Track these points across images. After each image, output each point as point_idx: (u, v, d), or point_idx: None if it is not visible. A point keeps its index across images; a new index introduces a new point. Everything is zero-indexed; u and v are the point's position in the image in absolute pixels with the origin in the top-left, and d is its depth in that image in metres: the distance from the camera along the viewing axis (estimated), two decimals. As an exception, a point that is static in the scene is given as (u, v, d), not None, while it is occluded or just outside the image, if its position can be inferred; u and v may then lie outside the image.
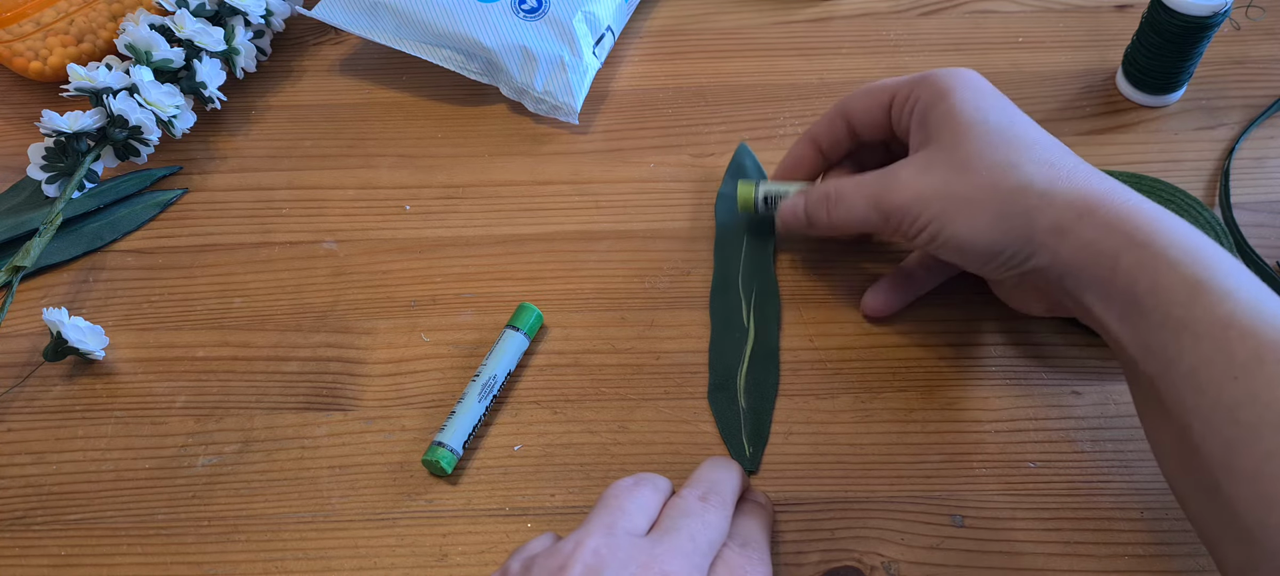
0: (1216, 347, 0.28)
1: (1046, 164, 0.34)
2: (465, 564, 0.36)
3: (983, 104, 0.36)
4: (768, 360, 0.40)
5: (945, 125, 0.35)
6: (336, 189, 0.48)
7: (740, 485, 0.34)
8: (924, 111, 0.36)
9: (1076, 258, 0.32)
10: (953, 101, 0.36)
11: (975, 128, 0.35)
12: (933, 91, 0.36)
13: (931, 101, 0.36)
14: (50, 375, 0.42)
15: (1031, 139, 0.35)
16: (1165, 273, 0.30)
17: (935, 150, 0.36)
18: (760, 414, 0.39)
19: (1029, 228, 0.33)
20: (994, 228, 0.34)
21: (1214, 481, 0.28)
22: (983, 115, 0.35)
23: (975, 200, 0.34)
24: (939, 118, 0.36)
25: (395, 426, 0.39)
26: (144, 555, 0.36)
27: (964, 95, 0.36)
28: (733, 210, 0.45)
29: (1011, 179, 0.34)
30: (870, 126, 0.40)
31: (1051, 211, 0.33)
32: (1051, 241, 0.33)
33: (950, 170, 0.35)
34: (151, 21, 0.49)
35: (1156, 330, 0.30)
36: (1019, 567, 0.35)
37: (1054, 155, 0.34)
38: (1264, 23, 0.54)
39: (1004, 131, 0.35)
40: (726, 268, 0.43)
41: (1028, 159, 0.34)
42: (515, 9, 0.51)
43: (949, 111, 0.35)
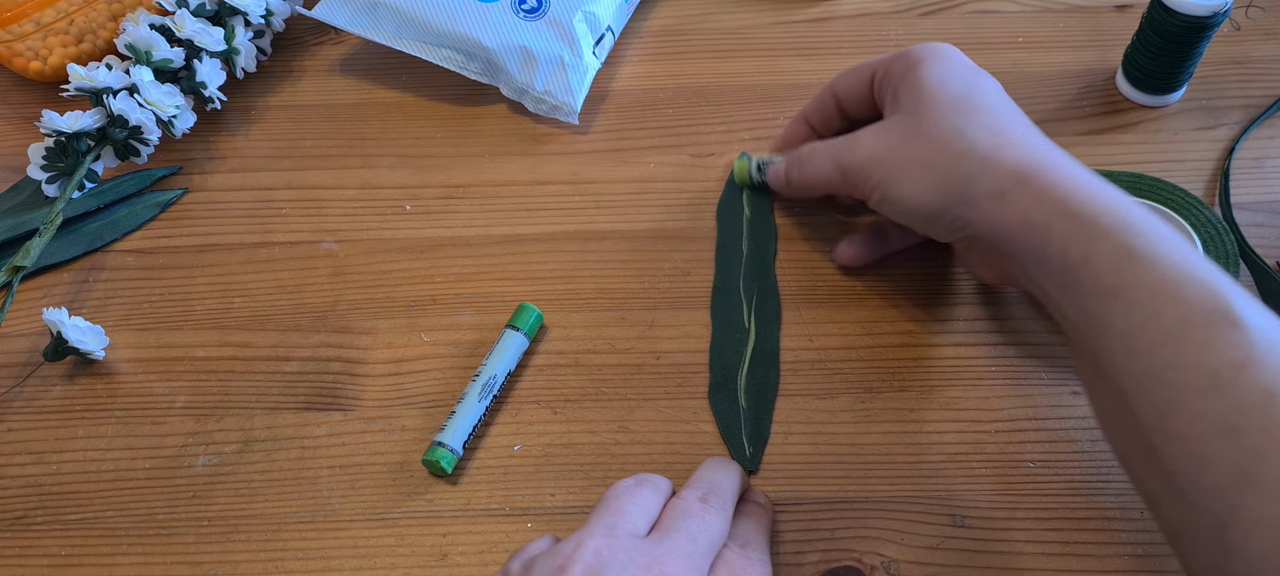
0: (1146, 313, 0.29)
1: (994, 131, 0.35)
2: (465, 564, 0.36)
3: (948, 74, 0.37)
4: (768, 361, 0.40)
5: (910, 94, 0.37)
6: (336, 189, 0.48)
7: (740, 485, 0.34)
8: (896, 83, 0.38)
9: (1012, 224, 0.33)
10: (920, 72, 0.37)
11: (934, 95, 0.36)
12: (905, 64, 0.38)
13: (903, 73, 0.38)
14: (50, 375, 0.42)
15: (987, 107, 0.36)
16: (1097, 242, 0.31)
17: (897, 116, 0.38)
18: (760, 414, 0.39)
19: (969, 191, 0.34)
20: (934, 189, 0.35)
21: (1150, 443, 0.29)
22: (943, 83, 0.37)
23: (920, 161, 0.36)
24: (907, 88, 0.37)
25: (395, 426, 0.39)
26: (144, 555, 0.36)
27: (931, 66, 0.37)
28: (734, 215, 0.45)
29: (957, 143, 0.35)
30: (856, 102, 0.41)
31: (990, 177, 0.34)
32: (989, 207, 0.34)
33: (904, 133, 0.37)
34: (151, 21, 0.49)
35: (1091, 297, 0.31)
36: (1019, 567, 0.35)
37: (1004, 123, 0.35)
38: (1264, 23, 0.54)
39: (961, 100, 0.36)
40: (728, 270, 0.44)
41: (977, 125, 0.35)
42: (515, 9, 0.51)
43: (915, 82, 0.37)
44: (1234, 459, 0.26)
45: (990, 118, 0.36)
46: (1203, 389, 0.27)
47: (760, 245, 0.44)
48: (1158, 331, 0.29)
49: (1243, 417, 0.26)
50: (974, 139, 0.35)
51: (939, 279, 0.43)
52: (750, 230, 0.45)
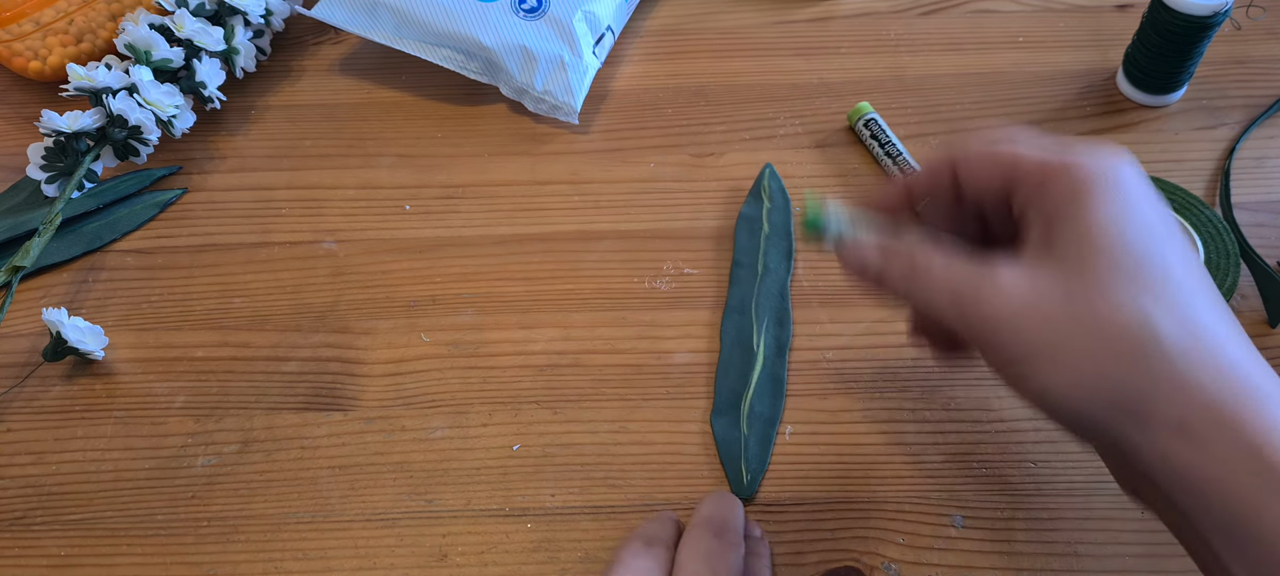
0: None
1: (1188, 324, 0.26)
2: (465, 564, 0.36)
3: (1128, 218, 0.27)
4: (775, 388, 0.40)
5: (1073, 236, 0.27)
6: (336, 189, 0.48)
7: (742, 519, 0.34)
8: (1052, 210, 0.28)
9: (1199, 476, 0.25)
10: (1090, 209, 0.27)
11: (1108, 251, 0.26)
12: (1068, 186, 0.27)
13: (1063, 200, 0.27)
14: (50, 375, 0.42)
15: (1175, 280, 0.26)
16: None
17: (1054, 262, 0.27)
18: (763, 440, 0.38)
19: (1145, 407, 0.25)
20: (1096, 390, 0.26)
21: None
22: (1126, 233, 0.27)
23: (1084, 347, 0.26)
24: (1070, 227, 0.27)
25: (395, 426, 0.39)
26: (144, 555, 0.36)
27: (1106, 202, 0.27)
28: (753, 233, 0.44)
29: (1140, 332, 0.25)
30: (981, 192, 0.30)
31: (1177, 400, 0.25)
32: (1166, 439, 0.25)
33: (1065, 296, 0.26)
34: (151, 21, 0.49)
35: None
36: (1019, 568, 0.35)
37: (1201, 312, 0.26)
38: (1264, 23, 0.54)
39: (1144, 264, 0.26)
40: (742, 289, 0.42)
41: (1165, 310, 0.26)
42: (515, 8, 0.51)
43: (1081, 221, 0.27)
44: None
45: (1182, 296, 0.26)
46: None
47: (776, 265, 0.43)
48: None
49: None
50: (1162, 336, 0.25)
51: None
52: (768, 248, 0.44)
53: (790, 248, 0.44)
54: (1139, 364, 0.25)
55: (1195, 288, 0.26)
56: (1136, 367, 0.25)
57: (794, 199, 0.46)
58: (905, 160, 0.46)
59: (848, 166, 0.48)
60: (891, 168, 0.47)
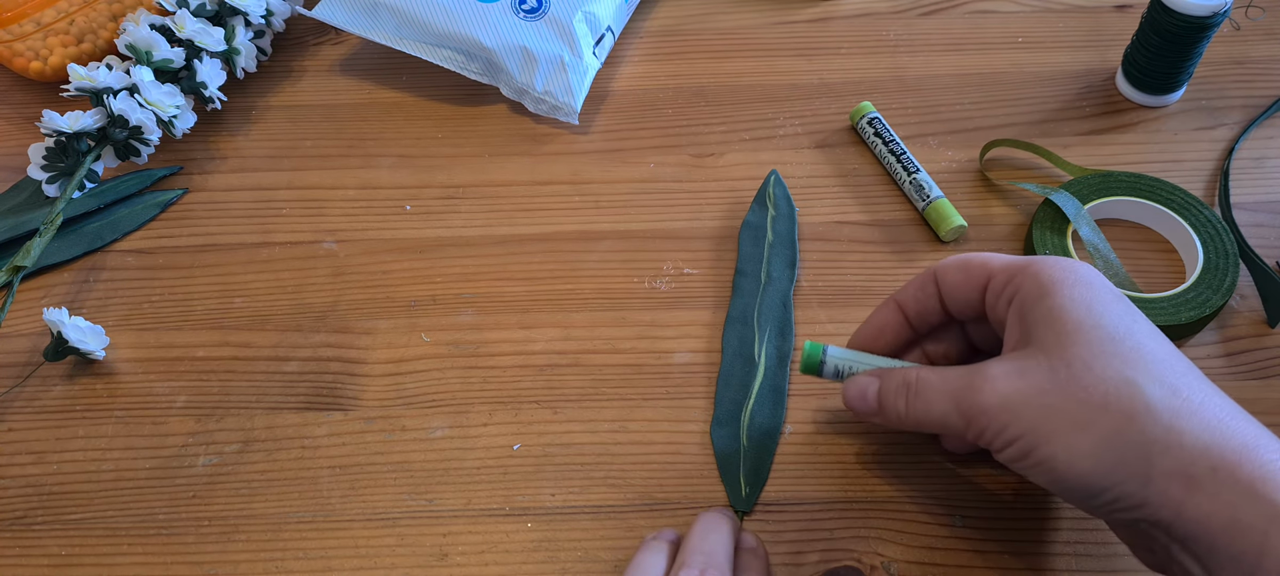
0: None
1: (1171, 388, 0.28)
2: (465, 564, 0.36)
3: (1097, 303, 0.30)
4: (776, 399, 0.39)
5: (1049, 323, 0.30)
6: (336, 189, 0.48)
7: (734, 541, 0.33)
8: (1024, 305, 0.31)
9: (1208, 523, 0.26)
10: (1060, 298, 0.30)
11: (1087, 330, 0.29)
12: (1036, 284, 0.31)
13: (1034, 295, 0.31)
14: (50, 375, 0.42)
15: (1153, 351, 0.29)
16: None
17: (1035, 351, 0.30)
18: (762, 455, 0.38)
19: (1146, 467, 0.27)
20: (1100, 457, 0.28)
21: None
22: (1096, 316, 0.29)
23: (1078, 417, 0.28)
24: (1042, 314, 0.30)
25: (395, 426, 0.39)
26: (144, 555, 0.36)
27: (1074, 292, 0.30)
28: (757, 241, 0.44)
29: (1128, 399, 0.27)
30: (962, 304, 0.34)
31: (1177, 454, 0.27)
32: (1175, 492, 0.27)
33: (1051, 376, 0.29)
34: (152, 21, 0.49)
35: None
36: (1019, 567, 0.35)
37: (1181, 378, 0.28)
38: (1264, 23, 0.54)
39: (1122, 339, 0.29)
40: (745, 299, 0.42)
41: (1149, 376, 0.28)
42: (515, 9, 0.51)
43: (1054, 309, 0.30)
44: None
45: (1161, 366, 0.28)
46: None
47: (780, 274, 0.43)
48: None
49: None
50: (1150, 397, 0.27)
51: (939, 279, 0.43)
52: (771, 257, 0.44)
53: (794, 256, 0.44)
54: (1133, 426, 0.27)
55: (1170, 357, 0.29)
56: (1131, 430, 0.27)
57: (797, 203, 0.46)
58: (908, 159, 0.46)
59: (848, 166, 0.48)
60: (894, 166, 0.47)
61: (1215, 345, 0.40)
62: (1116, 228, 0.45)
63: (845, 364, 0.35)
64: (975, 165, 0.48)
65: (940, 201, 0.45)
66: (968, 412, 0.30)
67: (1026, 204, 0.46)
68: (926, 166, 0.47)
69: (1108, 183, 0.45)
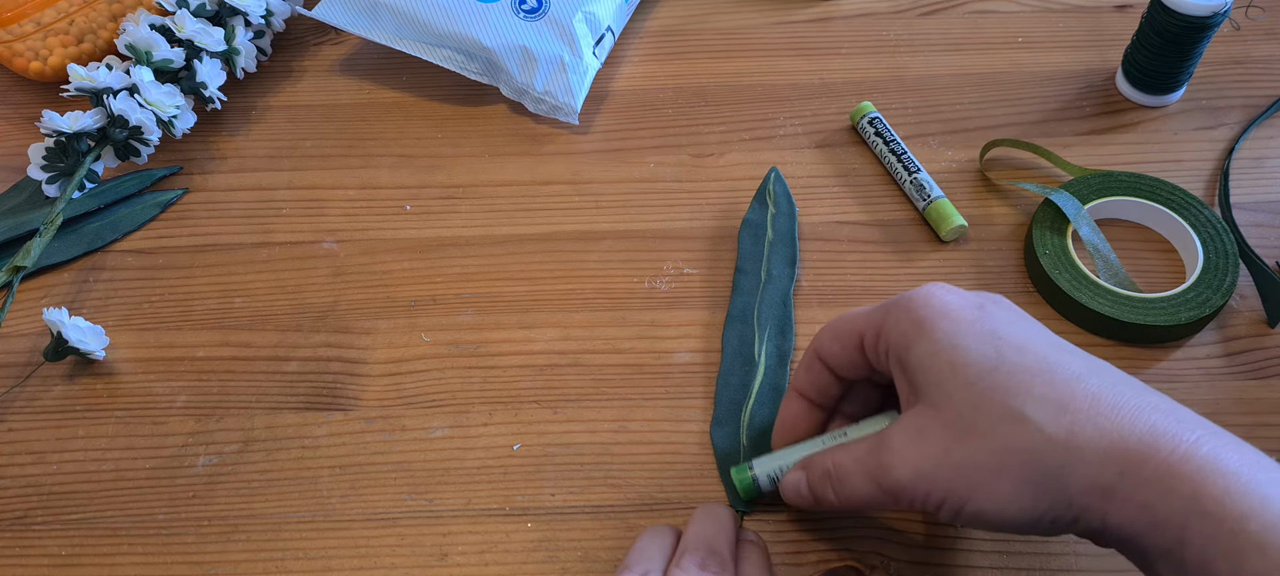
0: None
1: (1057, 404, 0.27)
2: (465, 564, 0.36)
3: (961, 336, 0.29)
4: (775, 398, 0.39)
5: (928, 374, 0.30)
6: (336, 189, 0.48)
7: (734, 534, 0.33)
8: (900, 356, 0.31)
9: (1132, 524, 0.26)
10: (927, 343, 0.30)
11: (961, 371, 0.29)
12: (902, 330, 0.31)
13: (905, 344, 0.30)
14: (50, 375, 0.42)
15: (1029, 369, 0.28)
16: (1252, 557, 0.24)
17: (926, 408, 0.30)
18: (762, 453, 0.37)
19: (1063, 490, 0.27)
20: (1021, 497, 0.28)
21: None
22: (964, 353, 0.29)
23: (989, 468, 0.28)
24: (918, 364, 0.30)
25: (395, 426, 0.39)
26: (144, 555, 0.36)
27: (938, 330, 0.30)
28: (757, 239, 0.44)
29: (1022, 435, 0.27)
30: (849, 368, 0.34)
31: (1084, 469, 0.27)
32: (1096, 504, 0.27)
33: (949, 433, 0.29)
34: (152, 22, 0.49)
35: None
36: (1019, 567, 0.35)
37: (1062, 385, 0.28)
38: (1264, 23, 0.54)
39: (995, 370, 0.28)
40: (744, 298, 0.42)
41: (1033, 401, 0.28)
42: (515, 9, 0.51)
43: (926, 355, 0.30)
44: None
45: (1041, 382, 0.28)
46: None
47: (780, 273, 0.43)
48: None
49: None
50: (1040, 421, 0.27)
51: (938, 278, 0.43)
52: (771, 255, 0.43)
53: (794, 255, 0.44)
54: (1037, 462, 0.27)
55: (1049, 366, 0.28)
56: (1037, 464, 0.27)
57: (798, 203, 0.46)
58: (909, 158, 0.46)
59: (848, 166, 0.48)
60: (895, 165, 0.47)
61: (1215, 345, 0.40)
62: (1116, 228, 0.45)
63: (773, 468, 0.35)
64: (975, 165, 0.48)
65: (941, 201, 0.45)
66: (889, 490, 0.30)
67: (1026, 204, 0.46)
68: (927, 166, 0.47)
69: (1108, 183, 0.45)
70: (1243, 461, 0.26)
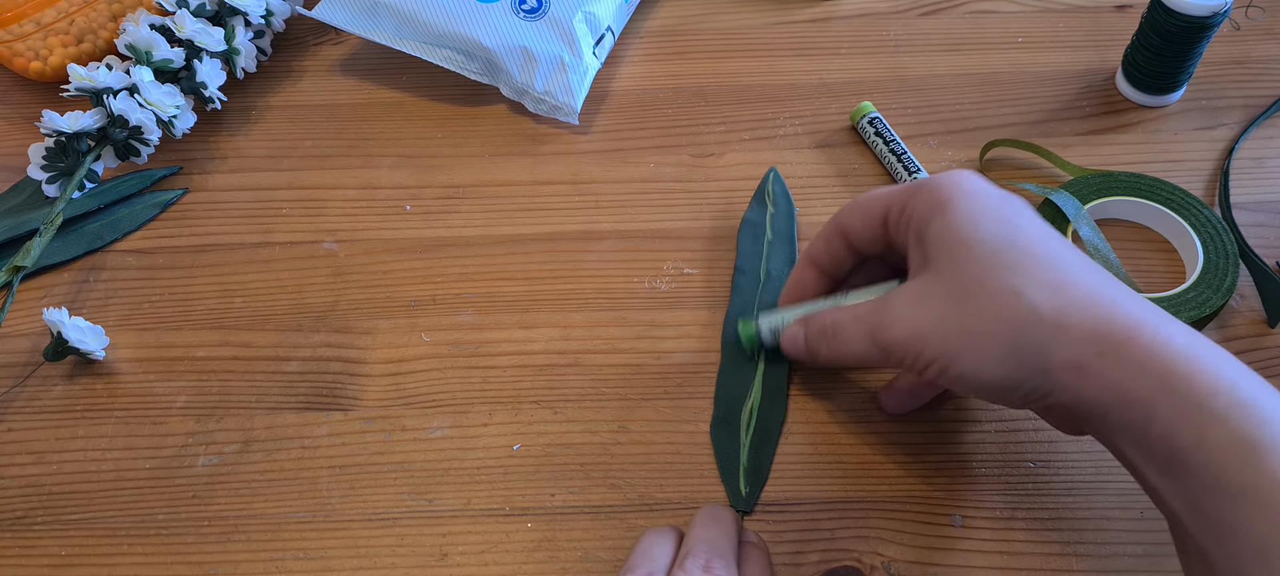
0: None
1: (1053, 287, 0.30)
2: (465, 564, 0.36)
3: (981, 216, 0.32)
4: (775, 397, 0.39)
5: (941, 245, 0.32)
6: (336, 189, 0.48)
7: (737, 536, 0.33)
8: (920, 228, 0.33)
9: (1102, 400, 0.29)
10: (948, 217, 0.32)
11: (973, 247, 0.31)
12: (927, 205, 0.33)
13: (927, 216, 0.33)
14: (50, 375, 0.42)
15: (1036, 255, 0.31)
16: (1212, 428, 0.26)
17: (932, 276, 0.32)
18: (762, 453, 0.38)
19: (1043, 362, 0.30)
20: (1004, 363, 0.30)
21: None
22: (979, 231, 0.31)
23: (979, 334, 0.30)
24: (935, 236, 0.32)
25: (395, 426, 0.39)
26: (144, 555, 0.36)
27: (960, 209, 0.32)
28: (756, 239, 0.44)
29: (1017, 308, 0.30)
30: (868, 242, 0.36)
31: (1066, 345, 0.29)
32: (1071, 380, 0.29)
33: (949, 300, 0.31)
34: (152, 22, 0.49)
35: (1209, 493, 0.26)
36: (1019, 567, 0.35)
37: (1062, 273, 0.30)
38: (1264, 23, 0.54)
39: (1004, 250, 0.31)
40: (744, 297, 0.42)
41: (1032, 282, 0.30)
42: (515, 9, 0.51)
43: (944, 229, 0.32)
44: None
45: (1044, 268, 0.30)
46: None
47: (779, 272, 0.43)
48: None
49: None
50: (1035, 300, 0.30)
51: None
52: (770, 254, 0.44)
53: (793, 254, 0.44)
54: (1025, 332, 0.30)
55: (1055, 259, 0.31)
56: (1025, 336, 0.30)
57: (797, 203, 0.46)
58: (909, 158, 0.46)
59: (848, 166, 0.48)
60: (895, 165, 0.47)
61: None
62: (1117, 228, 0.45)
63: (778, 322, 0.38)
64: (975, 165, 0.48)
65: (940, 201, 0.45)
66: (883, 346, 0.33)
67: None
68: (927, 166, 0.47)
69: (1108, 183, 0.45)
70: (1216, 355, 0.28)
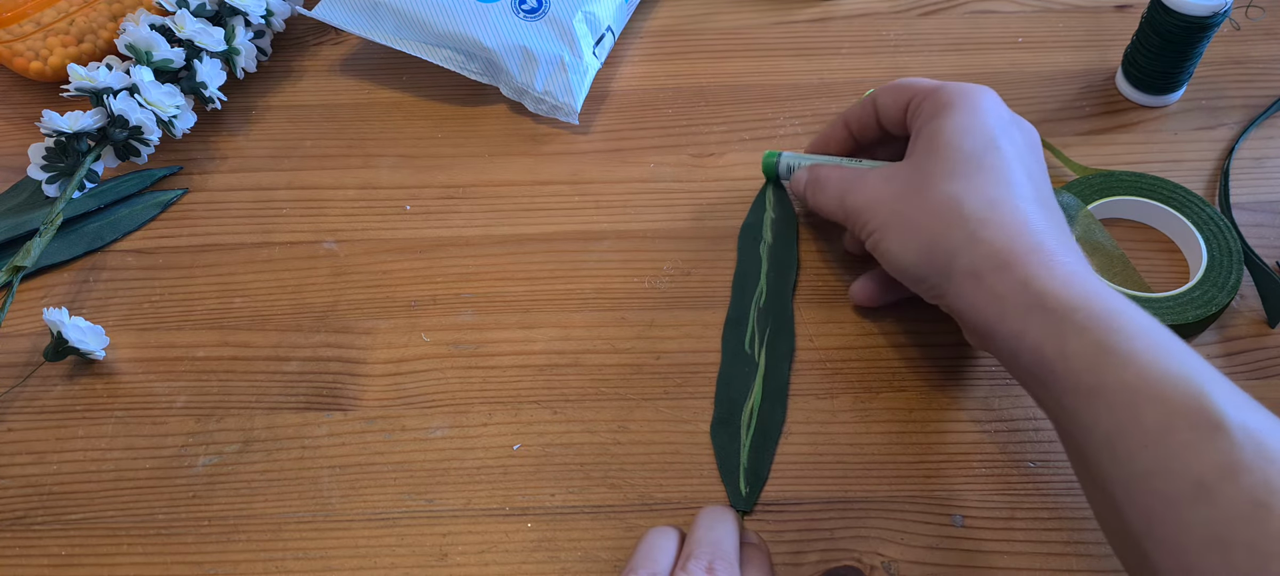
0: (1127, 416, 0.27)
1: (988, 202, 0.33)
2: (465, 564, 0.36)
3: (969, 128, 0.34)
4: (775, 398, 0.39)
5: (926, 143, 0.35)
6: (336, 189, 0.48)
7: (738, 536, 0.33)
8: (923, 122, 0.36)
9: (984, 309, 0.32)
10: (942, 121, 0.35)
11: (945, 151, 0.34)
12: (935, 105, 0.36)
13: (932, 113, 0.36)
14: (50, 375, 0.42)
15: (996, 171, 0.33)
16: (1072, 338, 0.29)
17: (908, 164, 0.36)
18: (762, 453, 0.38)
19: (949, 265, 0.33)
20: (917, 253, 0.34)
21: (1141, 549, 0.27)
22: (959, 139, 0.34)
23: (911, 222, 0.34)
24: (927, 135, 0.35)
25: (395, 426, 0.39)
26: (144, 555, 0.36)
27: (957, 116, 0.35)
28: (754, 241, 0.44)
29: (948, 211, 0.33)
30: (892, 122, 0.39)
31: (969, 255, 0.32)
32: (966, 286, 0.32)
33: (905, 186, 0.35)
34: (152, 21, 0.49)
35: (1068, 395, 0.29)
36: (1019, 567, 0.35)
37: (1003, 193, 0.33)
38: (1264, 23, 0.54)
39: (970, 161, 0.34)
40: (743, 300, 0.42)
41: (975, 193, 0.33)
42: (515, 9, 0.51)
43: (936, 130, 0.35)
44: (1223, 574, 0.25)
45: (992, 185, 0.33)
46: (1189, 498, 0.26)
47: (779, 275, 0.43)
48: (1140, 435, 0.27)
49: (1231, 530, 0.25)
50: (966, 209, 0.33)
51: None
52: (771, 256, 0.44)
53: (794, 255, 0.44)
54: (947, 234, 0.33)
55: (1010, 178, 0.33)
56: (945, 238, 0.33)
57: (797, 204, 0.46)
58: None
59: (848, 166, 0.48)
60: None
61: (1216, 345, 0.40)
62: (1120, 227, 0.45)
63: (795, 162, 0.44)
64: (975, 165, 0.48)
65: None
66: (846, 208, 0.37)
67: (1027, 204, 0.46)
68: (927, 166, 0.47)
69: (1110, 182, 0.45)
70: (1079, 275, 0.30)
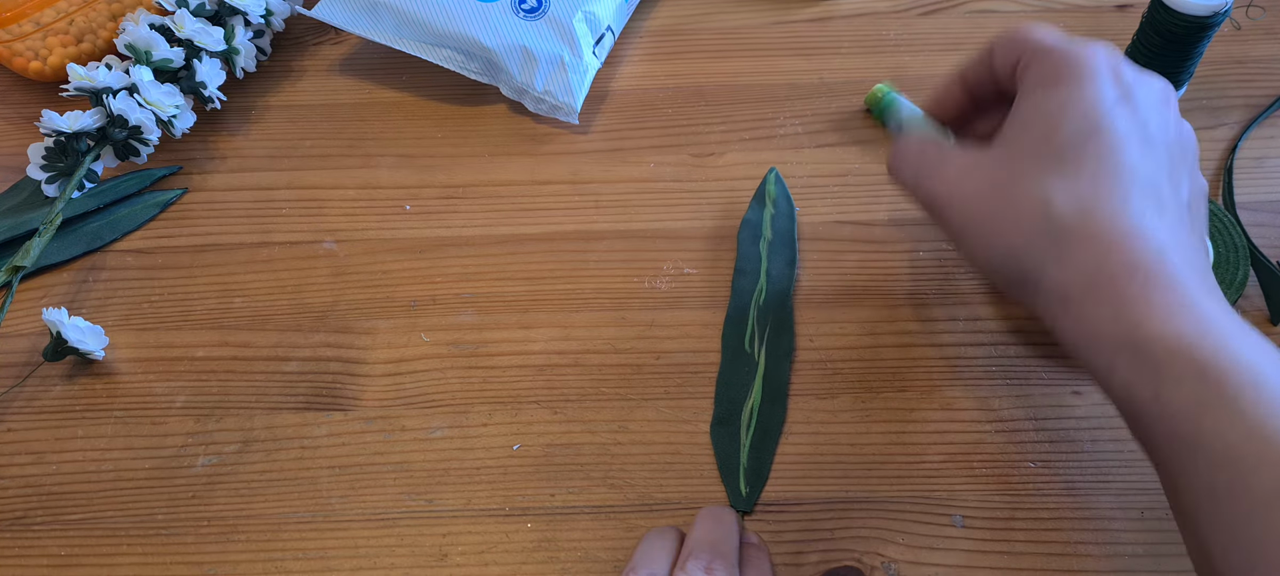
0: (1234, 478, 0.25)
1: (1082, 207, 0.28)
2: (465, 564, 0.36)
3: (1074, 104, 0.29)
4: (776, 397, 0.39)
5: (1021, 122, 0.31)
6: (336, 189, 0.48)
7: (738, 536, 0.33)
8: (1027, 91, 0.31)
9: (1073, 333, 0.28)
10: (1045, 94, 0.30)
11: (1041, 138, 0.30)
12: (1041, 74, 0.31)
13: (1035, 82, 0.31)
14: (50, 375, 0.42)
15: (1092, 161, 0.29)
16: (1168, 387, 0.26)
17: (997, 148, 0.31)
18: (762, 453, 0.38)
19: (1037, 279, 0.29)
20: (1005, 263, 0.30)
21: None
22: (1059, 122, 0.29)
23: (997, 222, 0.30)
24: (1026, 110, 0.31)
25: (395, 426, 0.39)
26: (144, 555, 0.36)
27: (1061, 92, 0.30)
28: (754, 238, 0.44)
29: (1038, 216, 0.29)
30: (1005, 78, 0.34)
31: (1059, 273, 0.28)
32: (1054, 308, 0.29)
33: (991, 179, 0.30)
34: (151, 21, 0.49)
35: (1163, 440, 0.27)
36: (1019, 567, 0.35)
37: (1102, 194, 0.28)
38: (1264, 23, 0.54)
39: (1066, 150, 0.29)
40: (742, 298, 0.42)
41: (1066, 194, 0.29)
42: (515, 9, 0.51)
43: (1034, 107, 0.30)
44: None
45: (1090, 181, 0.28)
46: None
47: (779, 273, 0.43)
48: (1248, 501, 0.25)
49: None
50: (1054, 214, 0.28)
51: (939, 279, 0.43)
52: (770, 254, 0.44)
53: (793, 255, 0.44)
54: (1032, 242, 0.29)
55: (1113, 170, 0.29)
56: (1031, 246, 0.29)
57: (797, 203, 0.46)
58: None
59: (848, 166, 0.48)
60: None
61: (1216, 345, 0.40)
62: (1117, 227, 0.45)
63: (904, 117, 0.40)
64: (975, 165, 0.48)
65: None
66: (922, 196, 0.33)
67: (1027, 204, 0.46)
68: (927, 166, 0.47)
69: (1108, 182, 0.45)
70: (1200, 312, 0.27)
